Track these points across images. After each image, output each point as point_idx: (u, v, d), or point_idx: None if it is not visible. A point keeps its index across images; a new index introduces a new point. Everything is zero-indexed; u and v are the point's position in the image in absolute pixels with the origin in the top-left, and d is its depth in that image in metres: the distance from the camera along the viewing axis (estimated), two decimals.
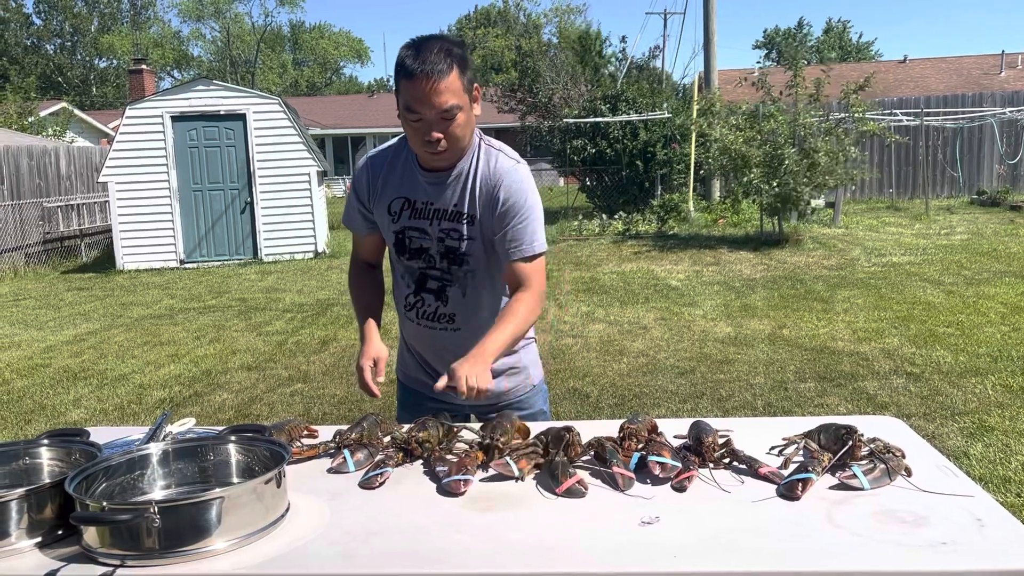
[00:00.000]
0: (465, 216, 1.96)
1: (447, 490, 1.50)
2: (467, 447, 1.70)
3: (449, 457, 1.63)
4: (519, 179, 1.95)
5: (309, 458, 1.66)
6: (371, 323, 2.11)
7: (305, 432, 1.87)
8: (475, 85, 1.90)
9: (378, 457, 1.63)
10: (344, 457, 1.58)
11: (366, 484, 1.53)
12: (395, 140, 2.06)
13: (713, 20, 16.26)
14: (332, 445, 1.71)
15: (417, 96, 1.80)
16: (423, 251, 2.01)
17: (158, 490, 1.50)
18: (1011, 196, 16.04)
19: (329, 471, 1.59)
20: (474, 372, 1.77)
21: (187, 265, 12.28)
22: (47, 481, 1.43)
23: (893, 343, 5.98)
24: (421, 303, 2.06)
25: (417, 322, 2.09)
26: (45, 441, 1.60)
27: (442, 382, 1.78)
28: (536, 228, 1.95)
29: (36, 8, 51.90)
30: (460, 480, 1.49)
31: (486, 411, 2.13)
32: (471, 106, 1.88)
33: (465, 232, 1.96)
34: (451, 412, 2.00)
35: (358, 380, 2.01)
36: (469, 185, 1.95)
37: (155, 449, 1.52)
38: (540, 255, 1.97)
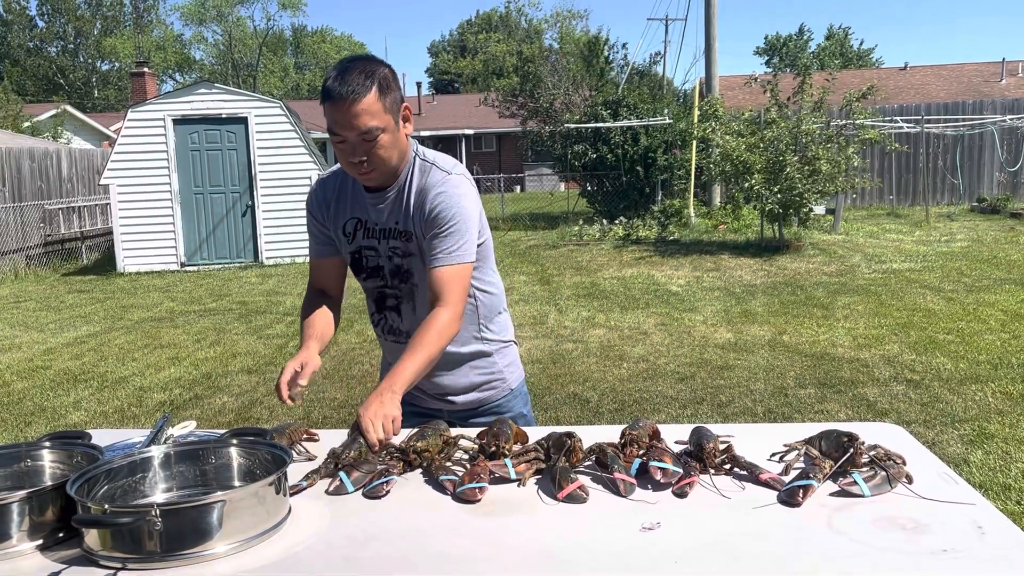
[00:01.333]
0: (403, 233, 1.96)
1: (463, 498, 1.49)
2: (469, 455, 1.70)
3: (453, 466, 1.63)
4: (446, 189, 1.91)
5: (309, 486, 1.58)
6: (313, 338, 1.96)
7: (305, 435, 1.87)
8: (404, 104, 1.90)
9: (380, 467, 1.62)
10: (341, 479, 1.56)
11: (371, 494, 1.52)
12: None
13: (714, 26, 16.30)
14: (330, 465, 1.65)
15: (337, 119, 1.81)
16: (378, 270, 2.03)
17: (159, 493, 1.50)
18: (1011, 203, 16.05)
19: (328, 493, 1.55)
20: (379, 415, 1.70)
21: (188, 268, 12.29)
22: (49, 483, 1.43)
23: (893, 350, 5.98)
24: (384, 320, 2.09)
25: (385, 338, 2.12)
26: (47, 443, 1.60)
27: (354, 429, 1.72)
28: (459, 238, 1.88)
29: (39, 11, 52.03)
30: (476, 488, 1.49)
31: (464, 418, 2.13)
32: (399, 125, 1.87)
33: (405, 248, 1.97)
34: (434, 417, 2.01)
35: (282, 386, 1.82)
36: (404, 201, 1.95)
37: (157, 452, 1.52)
38: (458, 265, 1.88)
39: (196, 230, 12.42)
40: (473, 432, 1.82)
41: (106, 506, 1.26)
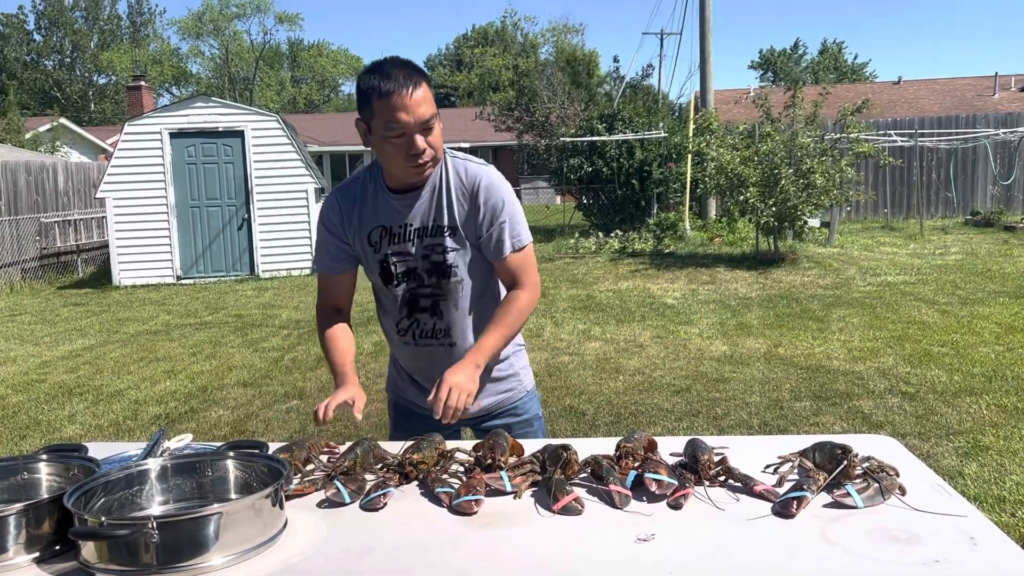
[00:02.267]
0: (446, 228, 1.98)
1: (459, 511, 1.50)
2: (465, 467, 1.71)
3: (450, 479, 1.63)
4: (495, 180, 2.01)
5: (298, 493, 1.60)
6: (347, 368, 2.05)
7: (325, 448, 1.86)
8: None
9: (376, 480, 1.62)
10: (337, 487, 1.57)
11: (369, 506, 1.53)
12: (357, 172, 2.08)
13: (709, 40, 16.40)
14: (328, 471, 1.66)
15: (399, 107, 1.82)
16: (410, 272, 2.03)
17: (156, 506, 1.50)
18: (1005, 216, 16.13)
19: (322, 504, 1.55)
20: (459, 390, 1.83)
21: (184, 281, 12.28)
22: (45, 496, 1.43)
23: (888, 362, 6.00)
24: (416, 324, 2.08)
25: (415, 343, 2.09)
26: (43, 456, 1.61)
27: (432, 398, 1.84)
28: (518, 222, 2.00)
29: (37, 25, 52.18)
30: (472, 500, 1.50)
31: (481, 421, 2.16)
32: (440, 122, 1.93)
33: (448, 244, 1.99)
34: (447, 427, 2.01)
35: (322, 407, 1.88)
36: (444, 197, 1.98)
37: (153, 465, 1.53)
38: (525, 248, 2.02)
39: (192, 243, 12.42)
40: (471, 445, 1.82)
41: (103, 518, 1.27)
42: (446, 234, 1.99)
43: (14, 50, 50.84)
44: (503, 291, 2.10)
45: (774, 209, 10.97)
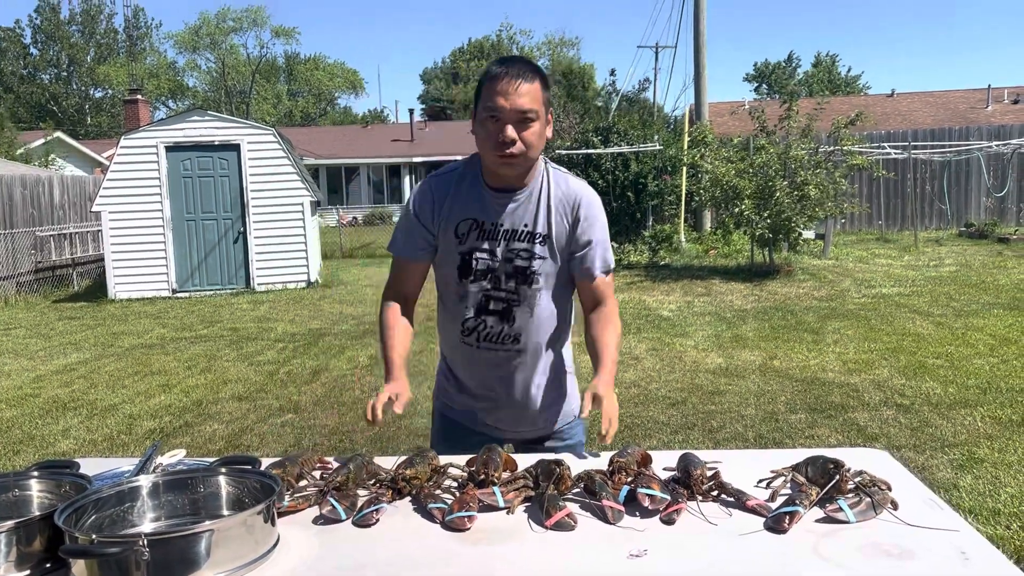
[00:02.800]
0: (538, 236, 1.98)
1: (452, 527, 1.49)
2: (458, 483, 1.70)
3: (443, 494, 1.63)
4: (596, 201, 2.05)
5: (291, 509, 1.59)
6: (399, 363, 2.01)
7: (318, 464, 1.85)
8: (550, 110, 1.96)
9: (369, 496, 1.62)
10: (332, 504, 1.56)
11: (362, 522, 1.52)
12: (457, 162, 2.06)
13: (703, 54, 16.49)
14: (321, 486, 1.66)
15: (500, 91, 1.84)
16: (489, 272, 2.00)
17: (148, 522, 1.50)
18: (999, 228, 16.19)
19: (317, 521, 1.54)
20: (614, 409, 1.87)
21: (179, 294, 12.27)
22: (36, 513, 1.43)
23: (883, 374, 6.01)
24: (483, 326, 2.03)
25: (478, 345, 2.05)
26: (35, 473, 1.60)
27: (587, 409, 1.86)
28: (608, 244, 2.06)
29: (33, 38, 52.29)
30: (465, 516, 1.50)
31: (531, 442, 2.15)
32: (545, 126, 1.93)
33: (537, 252, 1.98)
34: (495, 441, 2.02)
35: (369, 405, 1.86)
36: (543, 205, 1.98)
37: (145, 481, 1.52)
38: (611, 271, 2.08)
39: (188, 256, 12.41)
40: (464, 460, 1.82)
41: (94, 536, 1.27)
42: (537, 241, 1.98)
43: (10, 64, 50.93)
44: (560, 308, 2.10)
45: (769, 221, 11.00)
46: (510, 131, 1.85)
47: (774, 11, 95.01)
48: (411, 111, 39.99)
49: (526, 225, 1.98)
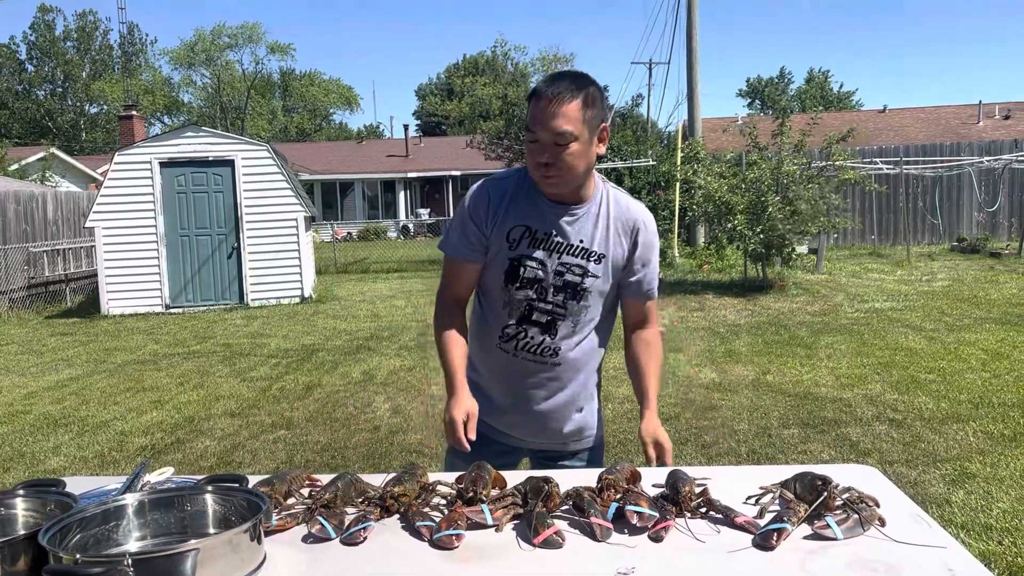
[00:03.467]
0: (594, 254, 1.99)
1: (440, 545, 1.49)
2: (447, 500, 1.70)
3: (431, 512, 1.62)
4: (652, 222, 2.08)
5: (280, 528, 1.58)
6: (463, 375, 1.99)
7: (307, 482, 1.85)
8: (603, 126, 1.94)
9: (358, 514, 1.61)
10: (322, 523, 1.55)
11: (349, 540, 1.52)
12: (516, 168, 2.07)
13: (696, 70, 16.59)
14: (309, 504, 1.66)
15: (537, 115, 1.85)
16: (536, 282, 1.99)
17: (133, 541, 1.49)
18: (990, 243, 16.28)
19: (306, 539, 1.53)
20: (669, 446, 1.96)
21: (173, 310, 12.24)
22: (21, 533, 1.42)
23: (876, 389, 6.01)
24: (523, 335, 2.02)
25: (515, 354, 2.04)
26: (20, 491, 1.59)
27: (652, 455, 1.95)
28: (658, 267, 2.11)
29: (28, 55, 52.38)
30: (453, 535, 1.49)
31: (550, 458, 2.14)
32: (592, 142, 1.91)
33: (591, 269, 1.99)
34: (513, 454, 2.04)
35: (449, 433, 1.90)
36: (601, 223, 1.99)
37: (131, 500, 1.51)
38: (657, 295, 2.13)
39: (181, 272, 12.39)
40: (452, 478, 1.81)
41: (78, 556, 1.26)
42: (592, 259, 1.99)
43: (6, 80, 51.00)
44: (602, 327, 2.12)
45: (762, 236, 11.04)
46: (545, 155, 1.86)
47: (767, 28, 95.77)
48: (406, 127, 40.15)
49: (581, 241, 1.98)
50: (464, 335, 2.06)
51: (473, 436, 1.88)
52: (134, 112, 25.70)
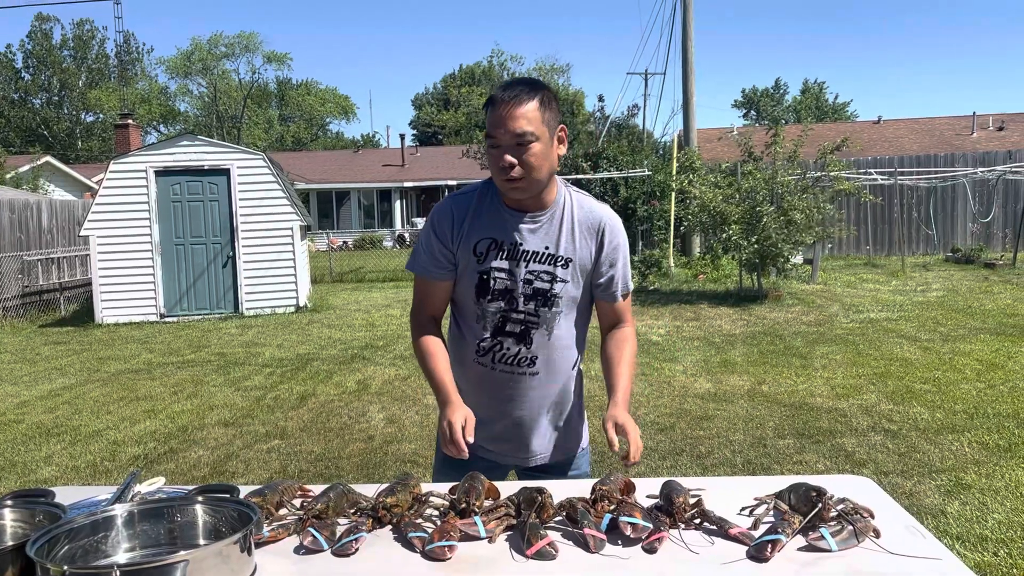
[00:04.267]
0: (561, 258, 1.98)
1: (432, 556, 1.48)
2: (439, 511, 1.69)
3: (424, 523, 1.61)
4: (617, 222, 2.06)
5: (272, 539, 1.57)
6: (453, 384, 1.98)
7: (299, 493, 1.83)
8: (561, 127, 1.95)
9: (349, 524, 1.60)
10: (314, 535, 1.54)
11: (341, 551, 1.50)
12: (479, 182, 2.07)
13: (692, 80, 16.65)
14: (300, 515, 1.64)
15: (495, 120, 1.86)
16: (507, 293, 1.99)
17: (122, 553, 1.47)
18: (985, 253, 16.32)
19: (299, 551, 1.52)
20: (636, 432, 1.88)
21: (167, 319, 12.20)
22: (9, 543, 1.40)
23: (871, 399, 6.01)
24: (499, 347, 2.02)
25: (492, 367, 2.03)
26: (8, 502, 1.58)
27: (615, 443, 1.85)
28: (629, 266, 2.10)
29: (25, 63, 52.40)
30: (445, 546, 1.48)
31: (532, 470, 2.13)
32: (552, 144, 1.92)
33: (559, 275, 1.99)
34: (499, 469, 2.02)
35: (448, 437, 1.86)
36: (565, 227, 1.99)
37: (120, 510, 1.50)
38: (630, 293, 2.11)
39: (176, 281, 12.36)
40: (446, 489, 1.80)
41: (65, 567, 1.24)
42: (559, 264, 1.98)
43: (2, 88, 50.98)
44: (578, 333, 2.11)
45: (756, 246, 11.06)
46: (507, 157, 1.86)
47: (762, 39, 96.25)
48: (402, 136, 40.22)
49: (547, 247, 1.98)
50: (443, 352, 2.06)
51: (472, 440, 1.85)
52: (130, 121, 25.70)
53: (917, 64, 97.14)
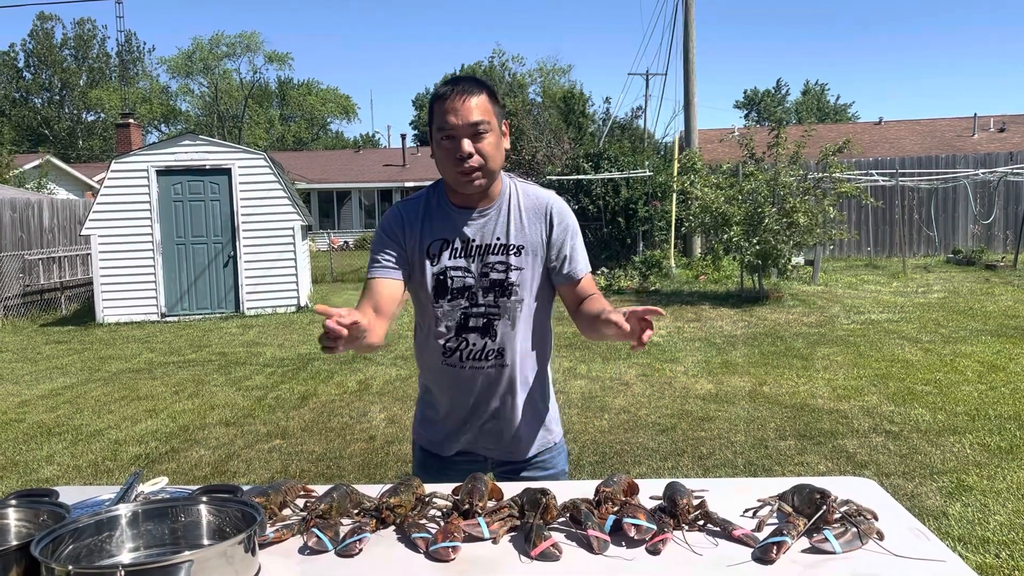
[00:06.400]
0: (512, 247, 1.99)
1: (436, 557, 1.47)
2: (443, 512, 1.69)
3: (427, 524, 1.61)
4: (564, 205, 2.06)
5: (277, 540, 1.56)
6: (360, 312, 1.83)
7: (302, 493, 1.83)
8: (505, 121, 1.98)
9: (353, 525, 1.60)
10: (318, 536, 1.54)
11: (345, 552, 1.50)
12: (423, 189, 2.08)
13: (693, 81, 16.65)
14: (302, 516, 1.64)
15: (450, 109, 1.87)
16: (465, 289, 1.99)
17: (126, 552, 1.47)
18: (986, 255, 16.31)
19: (303, 551, 1.52)
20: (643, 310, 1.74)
21: (168, 318, 12.21)
22: (13, 543, 1.40)
23: (872, 401, 6.01)
24: (464, 344, 2.02)
25: (460, 365, 2.03)
26: (12, 502, 1.58)
27: (619, 318, 1.69)
28: (583, 246, 2.08)
29: (26, 63, 52.41)
30: (449, 547, 1.48)
31: (511, 471, 2.12)
32: (501, 137, 1.95)
33: (513, 263, 1.99)
34: (476, 469, 2.00)
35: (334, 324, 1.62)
36: (513, 216, 2.00)
37: (124, 510, 1.50)
38: (589, 271, 2.08)
39: (177, 280, 12.37)
40: (449, 489, 1.80)
41: (70, 567, 1.24)
42: (511, 253, 1.99)
43: (3, 87, 51.00)
44: (540, 321, 2.09)
45: (757, 248, 11.05)
46: (466, 145, 1.87)
47: (763, 39, 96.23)
48: (403, 136, 40.18)
49: (498, 238, 1.99)
50: (380, 337, 1.94)
51: (346, 321, 1.60)
52: (131, 120, 25.71)
53: (918, 65, 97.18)
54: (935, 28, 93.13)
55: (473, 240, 1.99)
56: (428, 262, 2.00)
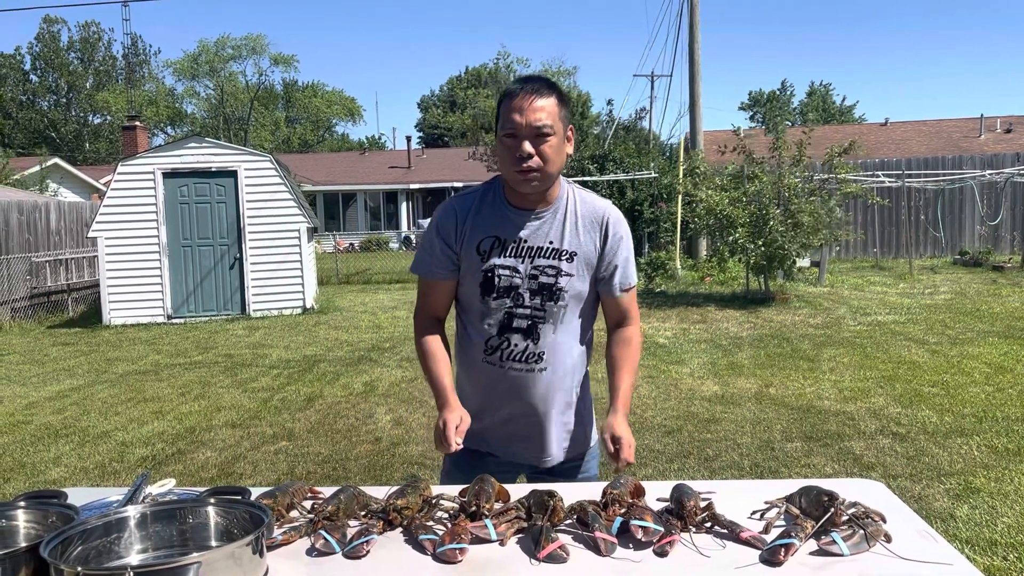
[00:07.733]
0: (565, 252, 1.99)
1: (443, 559, 1.48)
2: (450, 514, 1.69)
3: (435, 526, 1.61)
4: (620, 216, 2.08)
5: (285, 542, 1.57)
6: (452, 387, 2.02)
7: (309, 494, 1.83)
8: (570, 127, 1.97)
9: (360, 527, 1.60)
10: (325, 538, 1.54)
11: (352, 554, 1.51)
12: (480, 184, 2.09)
13: (698, 82, 16.64)
14: (310, 518, 1.65)
15: (516, 108, 1.87)
16: (512, 289, 1.99)
17: (135, 554, 1.48)
18: (993, 256, 16.26)
19: (311, 553, 1.52)
20: (631, 444, 1.91)
21: (174, 320, 12.24)
22: (23, 545, 1.41)
23: (879, 402, 5.99)
24: (506, 343, 2.02)
25: (500, 365, 2.03)
26: (21, 503, 1.59)
27: (612, 448, 1.89)
28: (633, 260, 2.11)
29: (33, 65, 52.64)
30: (456, 549, 1.48)
31: (544, 473, 2.12)
32: (564, 141, 1.94)
33: (564, 268, 1.99)
34: (508, 471, 2.02)
35: (439, 437, 1.91)
36: (569, 222, 2.00)
37: (133, 512, 1.50)
38: (635, 285, 2.12)
39: (183, 282, 12.40)
40: (456, 491, 1.80)
41: (79, 568, 1.25)
42: (563, 258, 1.99)
43: (10, 90, 51.21)
44: (584, 328, 2.11)
45: (763, 249, 11.04)
46: (527, 146, 1.87)
47: (769, 40, 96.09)
48: (408, 138, 40.23)
49: (551, 242, 1.99)
50: (446, 350, 2.09)
51: (462, 438, 1.87)
52: (137, 123, 25.75)
53: (924, 66, 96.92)
54: (941, 28, 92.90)
55: (525, 241, 1.99)
56: (478, 258, 2.00)
